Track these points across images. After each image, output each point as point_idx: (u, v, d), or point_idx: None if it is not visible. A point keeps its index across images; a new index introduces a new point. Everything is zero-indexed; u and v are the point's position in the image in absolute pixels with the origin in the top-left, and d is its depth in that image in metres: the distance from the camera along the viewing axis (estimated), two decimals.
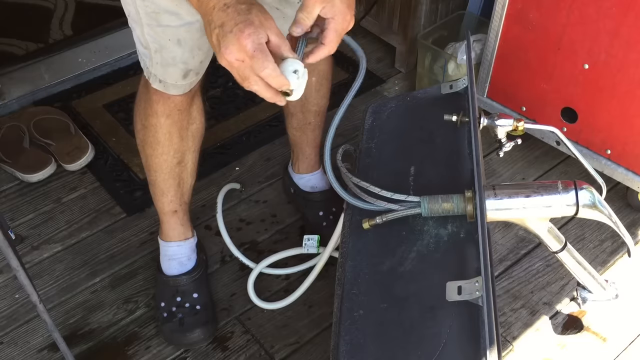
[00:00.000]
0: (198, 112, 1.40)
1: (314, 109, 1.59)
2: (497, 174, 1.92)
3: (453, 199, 1.07)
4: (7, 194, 1.85)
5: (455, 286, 0.96)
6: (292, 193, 1.78)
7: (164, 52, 1.21)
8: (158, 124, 1.35)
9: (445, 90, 1.34)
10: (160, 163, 1.42)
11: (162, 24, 1.16)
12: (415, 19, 2.12)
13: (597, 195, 1.12)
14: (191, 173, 1.49)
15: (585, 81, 1.64)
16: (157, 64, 1.24)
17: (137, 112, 1.39)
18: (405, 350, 0.95)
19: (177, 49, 1.20)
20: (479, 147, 1.12)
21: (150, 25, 1.17)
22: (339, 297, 1.04)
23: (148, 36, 1.20)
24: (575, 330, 1.56)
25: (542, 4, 1.62)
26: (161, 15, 1.15)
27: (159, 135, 1.37)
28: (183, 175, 1.47)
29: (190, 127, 1.39)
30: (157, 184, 1.47)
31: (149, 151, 1.41)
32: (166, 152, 1.40)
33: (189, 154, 1.44)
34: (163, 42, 1.19)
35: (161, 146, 1.39)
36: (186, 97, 1.32)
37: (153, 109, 1.33)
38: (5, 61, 2.17)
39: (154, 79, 1.27)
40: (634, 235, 1.75)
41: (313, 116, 1.60)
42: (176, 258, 1.57)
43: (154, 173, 1.45)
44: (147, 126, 1.37)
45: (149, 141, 1.39)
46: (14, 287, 1.62)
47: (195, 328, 1.50)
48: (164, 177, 1.45)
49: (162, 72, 1.25)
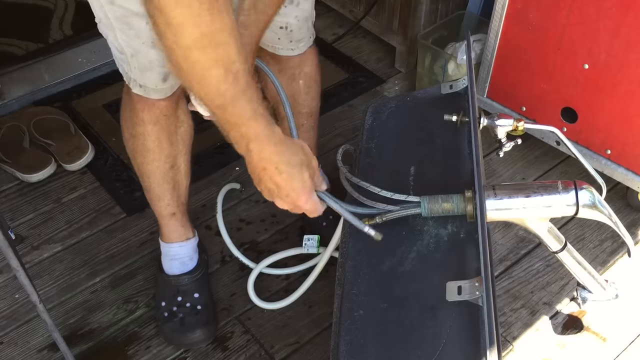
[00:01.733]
0: (185, 115, 1.39)
1: (305, 111, 1.59)
2: (497, 174, 1.92)
3: (453, 199, 1.07)
4: (7, 194, 1.85)
5: (455, 286, 0.96)
6: None
7: (139, 56, 1.19)
8: (146, 132, 1.34)
9: (445, 90, 1.34)
10: (152, 169, 1.42)
11: (133, 27, 1.15)
12: (415, 19, 2.12)
13: (597, 195, 1.12)
14: (185, 175, 1.49)
15: (585, 81, 1.64)
16: (135, 68, 1.22)
17: (124, 122, 1.38)
18: (405, 350, 0.95)
19: (152, 51, 1.18)
20: (479, 147, 1.12)
21: (122, 30, 1.16)
22: (339, 297, 1.04)
23: (122, 41, 1.18)
24: (575, 330, 1.56)
25: (542, 4, 1.62)
26: (131, 18, 1.13)
27: (148, 143, 1.35)
28: (177, 178, 1.47)
29: (178, 131, 1.39)
30: (152, 190, 1.47)
31: (140, 159, 1.40)
32: (157, 158, 1.39)
33: (180, 157, 1.43)
34: (137, 46, 1.18)
35: (152, 153, 1.38)
36: (170, 102, 1.31)
37: (139, 117, 1.32)
38: (5, 61, 2.17)
39: (134, 84, 1.26)
40: (634, 235, 1.75)
41: (305, 118, 1.60)
42: (178, 258, 1.57)
43: (147, 179, 1.45)
44: (135, 135, 1.36)
45: (138, 149, 1.38)
46: (14, 287, 1.62)
47: (196, 328, 1.50)
48: (159, 182, 1.45)
49: (141, 77, 1.24)
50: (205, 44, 0.80)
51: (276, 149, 0.94)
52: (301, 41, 1.40)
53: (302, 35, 1.39)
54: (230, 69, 0.83)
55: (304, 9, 1.34)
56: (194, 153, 1.78)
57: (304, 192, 0.98)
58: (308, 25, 1.39)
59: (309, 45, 1.44)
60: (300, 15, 1.35)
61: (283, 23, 1.34)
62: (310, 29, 1.42)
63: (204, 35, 0.79)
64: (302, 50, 1.42)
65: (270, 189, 0.98)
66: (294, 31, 1.36)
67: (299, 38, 1.39)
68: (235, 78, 0.84)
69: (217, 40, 0.80)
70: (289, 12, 1.32)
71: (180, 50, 0.81)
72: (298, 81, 1.50)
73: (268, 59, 1.44)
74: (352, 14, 2.33)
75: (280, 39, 1.37)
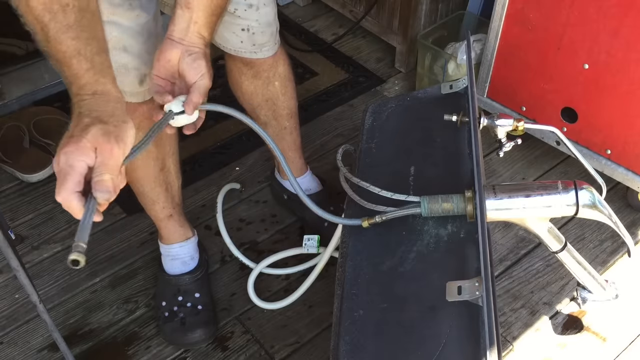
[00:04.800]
0: None
1: (285, 112, 1.59)
2: (497, 174, 1.92)
3: (453, 199, 1.07)
4: (7, 194, 1.85)
5: (455, 286, 0.96)
6: (286, 199, 1.78)
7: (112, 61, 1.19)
8: None
9: (445, 90, 1.34)
10: (143, 175, 1.42)
11: None
12: (415, 19, 2.12)
13: (597, 195, 1.12)
14: (176, 175, 1.49)
15: (585, 81, 1.64)
16: None
17: None
18: (405, 350, 0.95)
19: (125, 55, 1.18)
20: (479, 147, 1.12)
21: None
22: (339, 297, 1.04)
23: None
24: (575, 330, 1.56)
25: (542, 4, 1.62)
26: None
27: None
28: (169, 180, 1.47)
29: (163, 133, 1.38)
30: (146, 194, 1.47)
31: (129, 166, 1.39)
32: (146, 163, 1.39)
33: (168, 158, 1.44)
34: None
35: (139, 159, 1.37)
36: (151, 105, 1.31)
37: None
38: (5, 61, 2.17)
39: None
40: (634, 235, 1.75)
41: (286, 119, 1.60)
42: (179, 258, 1.57)
43: (140, 185, 1.45)
44: None
45: None
46: (14, 287, 1.62)
47: (197, 328, 1.50)
48: (151, 186, 1.45)
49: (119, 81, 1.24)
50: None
51: (92, 98, 0.87)
52: (264, 45, 1.41)
53: (264, 39, 1.40)
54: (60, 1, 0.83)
55: (264, 13, 1.35)
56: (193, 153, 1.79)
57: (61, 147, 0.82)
58: (272, 30, 1.40)
59: (273, 52, 1.44)
60: (262, 19, 1.36)
61: (245, 25, 1.35)
62: (274, 35, 1.42)
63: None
64: (265, 54, 1.43)
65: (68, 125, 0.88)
66: (256, 34, 1.37)
67: (261, 42, 1.40)
68: (61, 9, 0.84)
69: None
70: (249, 15, 1.34)
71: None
72: (274, 83, 1.51)
73: (241, 65, 1.45)
74: (352, 14, 2.33)
75: (243, 42, 1.38)
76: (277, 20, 1.43)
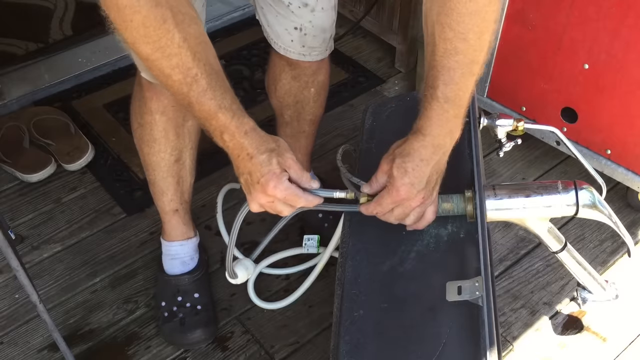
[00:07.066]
0: None
1: (309, 118, 1.59)
2: (497, 174, 1.92)
3: (453, 199, 1.07)
4: (7, 194, 1.85)
5: (455, 286, 0.96)
6: None
7: None
8: (153, 122, 1.35)
9: None
10: (158, 161, 1.42)
11: None
12: (415, 19, 2.12)
13: (597, 195, 1.12)
14: (190, 171, 1.49)
15: (585, 81, 1.64)
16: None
17: (133, 111, 1.39)
18: (405, 350, 0.95)
19: None
20: (479, 147, 1.12)
21: None
22: (339, 297, 1.04)
23: None
24: (575, 330, 1.56)
25: (542, 4, 1.62)
26: None
27: (155, 132, 1.37)
28: (182, 174, 1.47)
29: (185, 124, 1.39)
30: (156, 183, 1.47)
31: (146, 149, 1.41)
32: (163, 149, 1.40)
33: (186, 151, 1.44)
34: None
35: (157, 144, 1.39)
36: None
37: (147, 106, 1.33)
38: (5, 61, 2.17)
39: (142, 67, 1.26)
40: (634, 235, 1.75)
41: (308, 125, 1.60)
42: (179, 257, 1.57)
43: (152, 172, 1.45)
44: (142, 124, 1.37)
45: (145, 139, 1.39)
46: (14, 287, 1.62)
47: (196, 328, 1.50)
48: (163, 175, 1.45)
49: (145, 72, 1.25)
50: (159, 56, 0.92)
51: (247, 137, 0.99)
52: (315, 49, 1.40)
53: (316, 43, 1.39)
54: (187, 74, 0.93)
55: (319, 17, 1.34)
56: None
57: (272, 177, 0.98)
58: (325, 37, 1.40)
59: (322, 57, 1.44)
60: (316, 22, 1.35)
61: (298, 24, 1.34)
62: (327, 42, 1.42)
63: (155, 50, 0.91)
64: (314, 58, 1.42)
65: (245, 177, 1.01)
66: (308, 36, 1.36)
67: (312, 45, 1.39)
68: (194, 81, 0.94)
69: (168, 52, 0.91)
70: (303, 14, 1.33)
71: (144, 60, 0.94)
72: (310, 89, 1.50)
73: (285, 62, 1.45)
74: (352, 14, 2.33)
75: (293, 41, 1.37)
76: (334, 28, 1.42)
